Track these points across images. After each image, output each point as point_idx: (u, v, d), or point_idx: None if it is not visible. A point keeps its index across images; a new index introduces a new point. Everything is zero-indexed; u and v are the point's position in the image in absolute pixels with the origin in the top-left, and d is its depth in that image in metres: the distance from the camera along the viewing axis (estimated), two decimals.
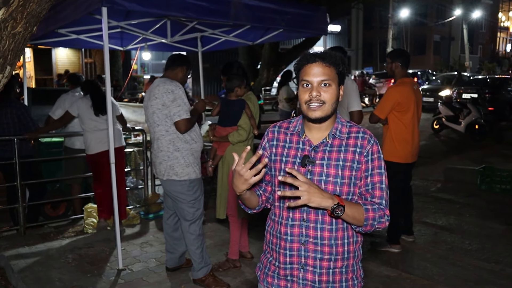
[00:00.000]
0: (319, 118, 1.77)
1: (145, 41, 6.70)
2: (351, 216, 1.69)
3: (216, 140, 4.08)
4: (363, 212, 1.72)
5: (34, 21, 2.11)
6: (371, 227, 1.75)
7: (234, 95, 4.00)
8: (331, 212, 1.65)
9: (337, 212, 1.64)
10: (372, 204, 1.76)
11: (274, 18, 4.85)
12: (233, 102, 3.99)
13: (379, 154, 1.82)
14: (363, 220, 1.72)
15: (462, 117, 11.71)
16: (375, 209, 1.75)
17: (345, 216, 1.68)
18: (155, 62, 22.93)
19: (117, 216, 4.13)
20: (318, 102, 1.75)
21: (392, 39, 31.29)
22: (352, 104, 4.38)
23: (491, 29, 47.63)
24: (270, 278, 1.91)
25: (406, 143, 4.38)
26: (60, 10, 4.40)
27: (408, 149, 4.41)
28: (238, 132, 3.91)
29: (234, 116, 3.96)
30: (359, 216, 1.71)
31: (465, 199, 6.43)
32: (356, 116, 4.36)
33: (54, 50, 20.42)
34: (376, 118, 4.45)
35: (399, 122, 4.37)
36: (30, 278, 3.95)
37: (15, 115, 5.07)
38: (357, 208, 1.72)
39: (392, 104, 4.33)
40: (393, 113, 4.37)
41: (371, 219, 1.73)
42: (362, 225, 1.74)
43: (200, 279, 3.75)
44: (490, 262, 4.29)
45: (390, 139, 4.43)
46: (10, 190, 5.25)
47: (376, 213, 1.74)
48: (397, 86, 4.40)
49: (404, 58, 4.43)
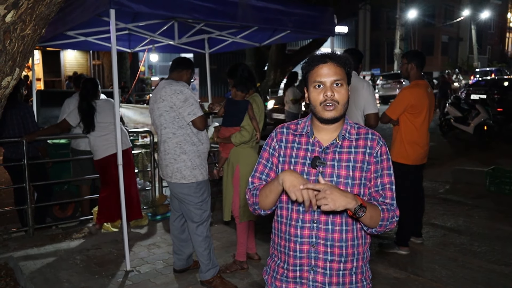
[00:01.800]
0: (333, 118, 1.77)
1: (153, 42, 6.72)
2: (369, 217, 1.68)
3: (220, 141, 4.07)
4: (380, 212, 1.72)
5: (43, 24, 2.12)
6: (384, 228, 1.75)
7: (240, 96, 3.98)
8: (353, 213, 1.63)
9: (359, 214, 1.63)
10: (386, 205, 1.77)
11: (281, 19, 4.85)
12: (237, 102, 3.97)
13: (387, 155, 1.83)
14: (379, 220, 1.72)
15: (470, 118, 11.61)
16: (388, 210, 1.76)
17: (364, 217, 1.67)
18: (162, 64, 22.99)
19: (125, 217, 4.14)
20: (332, 102, 1.75)
21: (399, 40, 31.18)
22: (369, 107, 4.32)
23: (500, 29, 47.27)
24: (278, 282, 1.90)
25: (416, 145, 4.35)
26: (68, 12, 4.43)
27: (419, 151, 4.38)
28: (241, 133, 3.88)
29: (238, 117, 3.94)
30: (376, 217, 1.71)
31: (474, 200, 6.37)
32: (372, 119, 4.31)
33: (62, 52, 20.58)
34: (387, 119, 4.42)
35: (410, 124, 4.33)
36: (38, 279, 3.96)
37: (19, 117, 5.11)
38: (374, 208, 1.72)
39: (405, 105, 4.30)
40: (405, 115, 4.33)
41: (386, 219, 1.74)
42: (376, 226, 1.73)
43: (207, 280, 3.75)
44: (500, 264, 4.25)
45: (400, 141, 4.40)
46: (18, 192, 5.29)
47: (389, 214, 1.75)
48: (411, 88, 4.37)
49: (420, 60, 4.39)
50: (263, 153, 1.95)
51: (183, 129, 3.60)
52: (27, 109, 5.24)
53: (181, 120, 3.58)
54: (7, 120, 5.06)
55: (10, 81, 2.14)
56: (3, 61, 2.04)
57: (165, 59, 21.74)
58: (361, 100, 4.29)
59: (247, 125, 3.90)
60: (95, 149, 4.89)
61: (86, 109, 4.78)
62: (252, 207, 1.91)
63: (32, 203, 5.07)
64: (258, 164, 1.95)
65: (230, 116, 4.01)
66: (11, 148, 5.16)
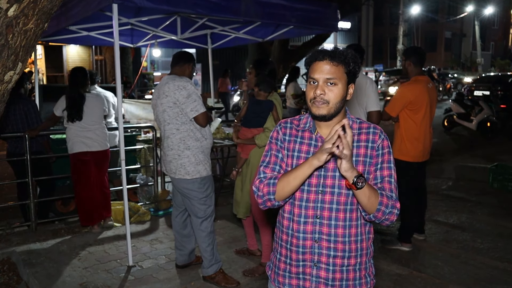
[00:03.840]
0: (321, 116, 1.77)
1: (155, 38, 6.72)
2: (368, 195, 1.67)
3: (240, 142, 3.99)
4: (378, 196, 1.71)
5: (45, 18, 2.11)
6: (383, 215, 1.72)
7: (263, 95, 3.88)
8: (353, 183, 1.62)
9: (358, 184, 1.62)
10: (386, 194, 1.76)
11: (284, 14, 4.82)
12: (261, 102, 3.87)
13: (389, 149, 1.83)
14: (377, 204, 1.70)
15: (473, 114, 11.58)
16: (388, 197, 1.74)
17: (362, 193, 1.66)
18: (165, 59, 22.94)
19: (127, 212, 4.14)
20: (322, 101, 1.74)
21: (402, 36, 31.08)
22: (372, 105, 4.29)
23: (503, 25, 47.05)
24: (281, 277, 1.89)
25: (417, 142, 4.33)
26: (71, 7, 4.42)
27: (419, 148, 4.36)
28: (266, 134, 3.79)
29: (261, 117, 3.86)
30: (374, 198, 1.69)
31: (477, 197, 6.36)
32: (374, 116, 4.27)
33: (65, 47, 20.58)
34: (387, 116, 4.41)
35: (410, 120, 4.32)
36: (41, 273, 3.97)
37: (22, 112, 5.11)
38: (374, 190, 1.71)
39: (404, 102, 4.28)
40: (405, 111, 4.32)
41: (384, 205, 1.71)
42: (374, 210, 1.71)
43: (210, 276, 3.75)
44: (502, 261, 4.24)
45: (400, 138, 4.38)
46: (21, 186, 5.30)
47: (389, 201, 1.73)
48: (409, 84, 4.35)
49: (417, 57, 4.36)
50: (271, 145, 1.92)
51: (186, 124, 3.58)
52: (31, 104, 5.24)
53: (184, 116, 3.57)
54: (10, 115, 5.06)
55: (12, 75, 2.13)
56: (5, 55, 2.03)
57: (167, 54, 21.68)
58: (363, 97, 4.27)
59: (272, 126, 3.81)
60: (74, 141, 4.79)
61: (75, 97, 4.73)
62: (263, 198, 1.83)
63: (35, 198, 5.08)
64: (269, 156, 1.90)
65: (253, 117, 3.91)
66: (15, 143, 5.17)
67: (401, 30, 30.94)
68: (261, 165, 1.91)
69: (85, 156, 4.81)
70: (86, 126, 4.78)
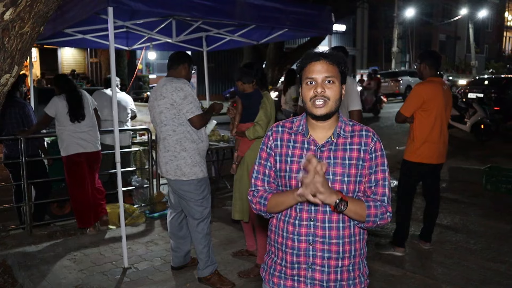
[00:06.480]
0: (324, 115, 1.79)
1: (151, 40, 6.73)
2: (354, 212, 1.73)
3: (236, 135, 4.08)
4: (366, 208, 1.75)
5: (41, 21, 2.13)
6: (373, 224, 1.78)
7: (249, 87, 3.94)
8: (335, 208, 1.66)
9: (340, 207, 1.66)
10: (375, 201, 1.79)
11: (279, 17, 4.85)
12: (249, 95, 3.94)
13: (382, 152, 1.85)
14: (365, 216, 1.76)
15: (467, 116, 11.63)
16: (377, 206, 1.78)
17: (347, 212, 1.71)
18: (160, 62, 22.98)
19: (123, 214, 4.15)
20: (323, 98, 1.77)
21: (397, 39, 31.20)
22: (353, 104, 4.35)
23: (497, 28, 47.35)
24: (276, 278, 1.91)
25: (430, 143, 4.29)
26: (66, 10, 4.43)
27: (433, 149, 4.32)
28: (255, 128, 3.86)
29: (251, 110, 3.91)
30: (361, 212, 1.74)
31: (471, 198, 6.41)
32: (356, 115, 4.32)
33: (60, 49, 20.56)
34: (402, 117, 4.36)
35: (424, 121, 4.27)
36: (36, 276, 3.98)
37: (18, 114, 5.12)
38: (359, 204, 1.75)
39: (418, 102, 4.24)
40: (418, 112, 4.27)
41: (373, 215, 1.76)
42: (364, 221, 1.77)
43: (205, 277, 3.77)
44: (495, 262, 4.28)
45: (412, 138, 4.36)
46: (17, 189, 5.29)
47: (378, 210, 1.77)
48: (423, 84, 4.31)
49: (432, 60, 4.33)
50: (261, 152, 1.95)
51: (183, 126, 3.60)
52: (26, 107, 5.25)
53: (181, 117, 3.58)
54: (6, 118, 5.07)
55: (8, 78, 2.15)
56: (1, 58, 2.05)
57: (163, 57, 21.72)
58: (346, 97, 4.30)
59: (261, 120, 3.86)
60: (69, 143, 4.79)
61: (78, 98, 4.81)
62: (257, 211, 1.94)
63: (30, 201, 5.08)
64: (258, 165, 1.95)
65: (245, 110, 3.98)
66: (11, 146, 5.17)
67: (396, 33, 31.04)
68: (253, 175, 1.96)
69: (79, 158, 4.82)
70: (83, 127, 4.81)
